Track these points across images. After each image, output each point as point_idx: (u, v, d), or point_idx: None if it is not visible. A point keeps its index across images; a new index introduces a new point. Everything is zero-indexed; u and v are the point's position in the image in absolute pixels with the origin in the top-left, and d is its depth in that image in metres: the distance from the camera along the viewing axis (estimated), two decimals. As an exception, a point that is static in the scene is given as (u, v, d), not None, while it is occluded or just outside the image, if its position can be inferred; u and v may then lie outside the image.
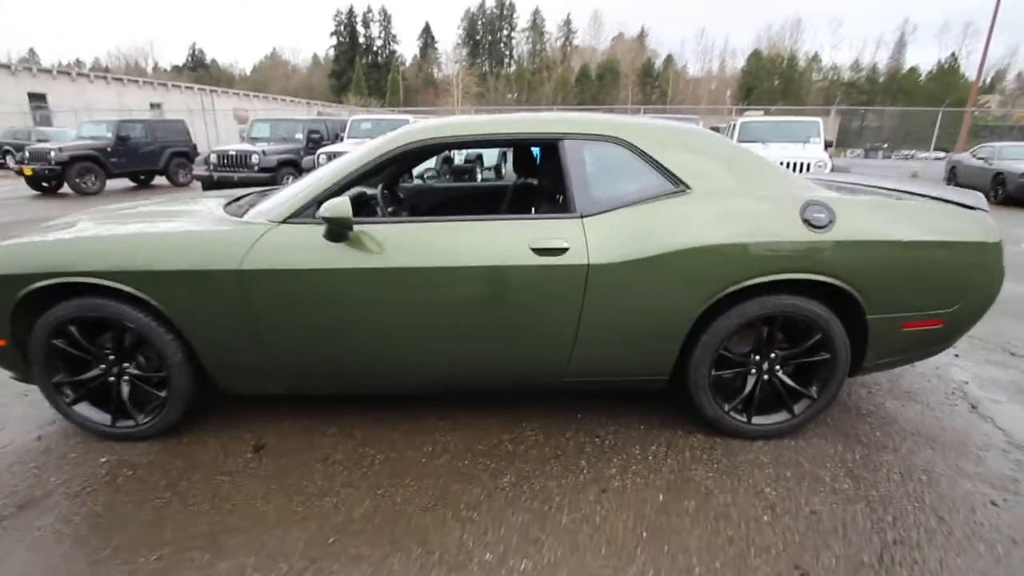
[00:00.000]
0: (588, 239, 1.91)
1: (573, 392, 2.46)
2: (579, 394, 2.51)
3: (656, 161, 2.01)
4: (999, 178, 11.04)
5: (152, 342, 1.99)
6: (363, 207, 2.46)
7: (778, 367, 2.12)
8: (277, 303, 1.91)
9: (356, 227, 1.91)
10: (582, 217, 1.95)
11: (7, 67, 23.44)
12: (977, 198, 2.16)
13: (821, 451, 2.10)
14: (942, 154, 22.37)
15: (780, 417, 2.15)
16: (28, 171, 10.70)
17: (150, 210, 2.36)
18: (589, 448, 2.12)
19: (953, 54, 62.50)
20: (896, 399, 2.57)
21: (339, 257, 1.88)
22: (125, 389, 2.13)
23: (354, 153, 2.10)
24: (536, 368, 2.08)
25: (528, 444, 2.14)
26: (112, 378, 2.11)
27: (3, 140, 18.06)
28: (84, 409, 2.14)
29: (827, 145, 8.94)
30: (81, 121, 13.44)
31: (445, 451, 2.09)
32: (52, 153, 10.64)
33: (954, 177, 13.07)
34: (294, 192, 2.05)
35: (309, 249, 1.89)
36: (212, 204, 2.31)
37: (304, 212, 1.96)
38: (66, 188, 11.17)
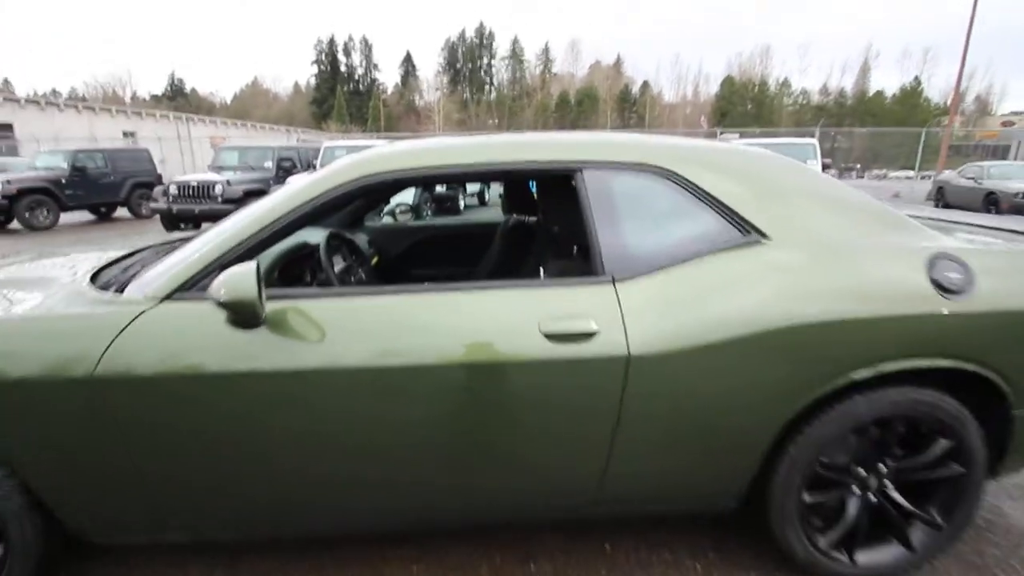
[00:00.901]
0: (625, 316, 1.30)
1: (602, 521, 1.80)
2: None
3: (716, 199, 1.41)
4: (991, 198, 10.87)
5: (-27, 481, 1.31)
6: (304, 264, 1.82)
7: (888, 482, 1.52)
8: (153, 426, 1.25)
9: (275, 304, 1.28)
10: (614, 282, 1.34)
11: (-32, 97, 22.54)
12: None
13: (956, 602, 1.48)
14: (911, 173, 22.64)
15: (893, 552, 1.53)
16: (-26, 205, 9.87)
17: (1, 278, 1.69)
18: (629, 611, 1.47)
19: (916, 78, 64.98)
20: (1011, 498, 1.98)
21: (250, 352, 1.24)
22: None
23: (285, 191, 1.47)
24: (552, 498, 1.44)
25: (541, 607, 1.48)
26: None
27: (-43, 173, 17.03)
28: None
29: (824, 167, 8.61)
30: (37, 151, 12.63)
31: (419, 629, 1.42)
32: (-1, 186, 9.83)
33: (942, 197, 12.91)
34: (189, 252, 1.39)
35: (202, 341, 1.24)
36: (82, 268, 1.63)
37: (200, 282, 1.31)
38: (17, 224, 10.32)
